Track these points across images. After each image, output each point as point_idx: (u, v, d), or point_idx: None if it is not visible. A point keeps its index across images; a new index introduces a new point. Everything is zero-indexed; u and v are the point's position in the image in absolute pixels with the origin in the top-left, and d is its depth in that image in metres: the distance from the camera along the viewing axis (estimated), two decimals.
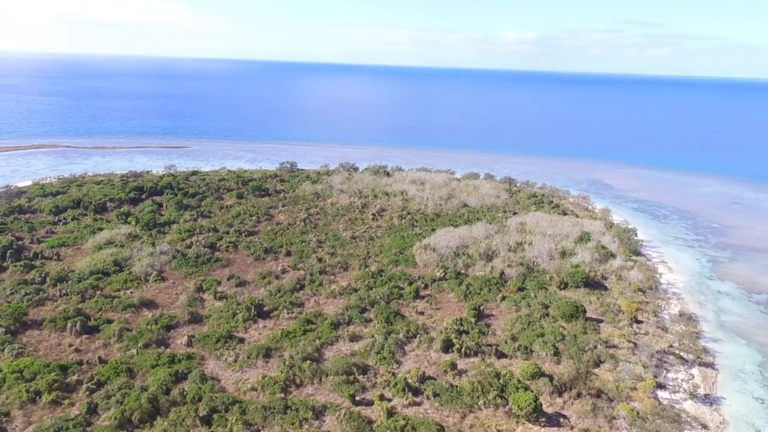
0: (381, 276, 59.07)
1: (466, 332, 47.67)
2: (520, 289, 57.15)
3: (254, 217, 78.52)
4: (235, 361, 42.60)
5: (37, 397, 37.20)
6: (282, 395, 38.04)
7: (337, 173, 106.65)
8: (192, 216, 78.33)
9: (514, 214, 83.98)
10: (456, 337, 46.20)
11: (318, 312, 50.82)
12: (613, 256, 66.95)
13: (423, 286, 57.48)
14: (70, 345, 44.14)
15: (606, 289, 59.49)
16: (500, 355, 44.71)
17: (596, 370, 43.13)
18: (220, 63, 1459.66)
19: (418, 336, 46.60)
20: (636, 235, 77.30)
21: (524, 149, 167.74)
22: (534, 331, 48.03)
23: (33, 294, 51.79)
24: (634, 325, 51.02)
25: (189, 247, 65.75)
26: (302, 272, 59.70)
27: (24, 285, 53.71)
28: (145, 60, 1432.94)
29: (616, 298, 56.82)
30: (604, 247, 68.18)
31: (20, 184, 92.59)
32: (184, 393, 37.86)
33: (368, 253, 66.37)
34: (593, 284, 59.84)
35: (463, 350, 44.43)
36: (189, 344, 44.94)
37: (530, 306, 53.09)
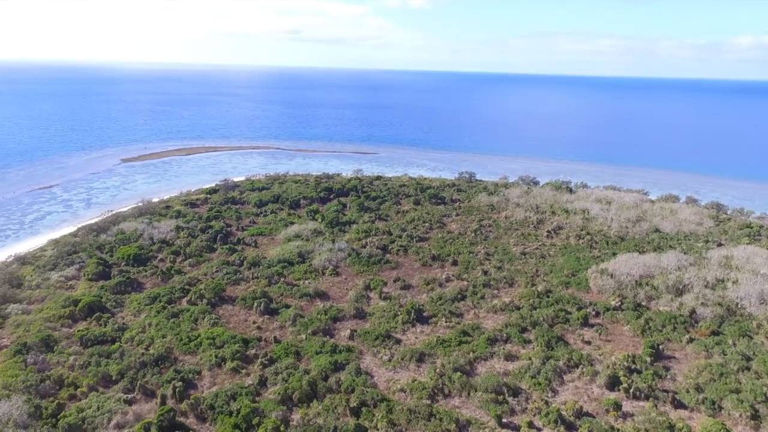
0: (548, 297, 55.88)
1: (639, 372, 42.58)
2: (715, 333, 49.14)
3: (427, 224, 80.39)
4: (390, 360, 44.06)
5: (223, 363, 42.89)
6: (428, 402, 38.23)
7: (516, 186, 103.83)
8: (370, 218, 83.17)
9: (719, 245, 72.57)
10: (625, 375, 41.57)
11: (476, 325, 50.01)
12: None
13: (594, 313, 52.88)
14: (254, 322, 50.08)
15: None
16: (678, 404, 38.99)
17: None
18: (417, 75, 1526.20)
19: (581, 366, 43.01)
20: None
21: (743, 172, 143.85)
22: (727, 384, 40.87)
23: (232, 274, 60.06)
24: None
25: (364, 247, 69.88)
26: (466, 283, 59.36)
27: (226, 265, 62.61)
28: (352, 72, 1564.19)
29: None
30: None
31: (236, 179, 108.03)
32: (340, 382, 40.31)
33: (537, 271, 63.31)
34: None
35: (631, 391, 39.77)
36: (351, 338, 47.72)
37: (726, 354, 45.32)
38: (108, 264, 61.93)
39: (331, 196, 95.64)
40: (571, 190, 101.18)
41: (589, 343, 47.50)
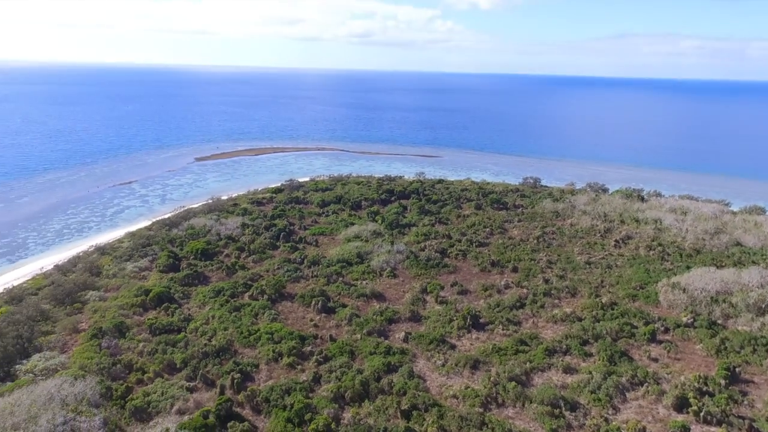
0: (612, 309, 53.39)
1: (711, 394, 39.79)
2: None
3: (488, 229, 78.98)
4: (443, 365, 43.59)
5: (279, 357, 43.93)
6: (481, 410, 37.49)
7: (583, 193, 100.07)
8: (430, 221, 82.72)
9: None
10: (695, 397, 38.96)
11: (534, 334, 48.56)
12: None
13: (662, 329, 49.93)
14: (311, 320, 51.00)
15: None
16: None
17: None
18: (486, 78, 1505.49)
19: (646, 384, 40.73)
20: None
21: None
22: None
23: (292, 272, 61.49)
24: None
25: (422, 250, 69.61)
26: (525, 290, 57.81)
27: (287, 263, 64.17)
28: (420, 75, 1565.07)
29: None
30: None
31: (301, 179, 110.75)
32: (392, 384, 40.27)
33: (602, 281, 60.65)
34: None
35: (701, 414, 37.19)
36: (405, 340, 47.62)
37: None
38: (178, 257, 65.07)
39: (392, 199, 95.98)
40: (643, 199, 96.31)
41: (656, 360, 44.94)
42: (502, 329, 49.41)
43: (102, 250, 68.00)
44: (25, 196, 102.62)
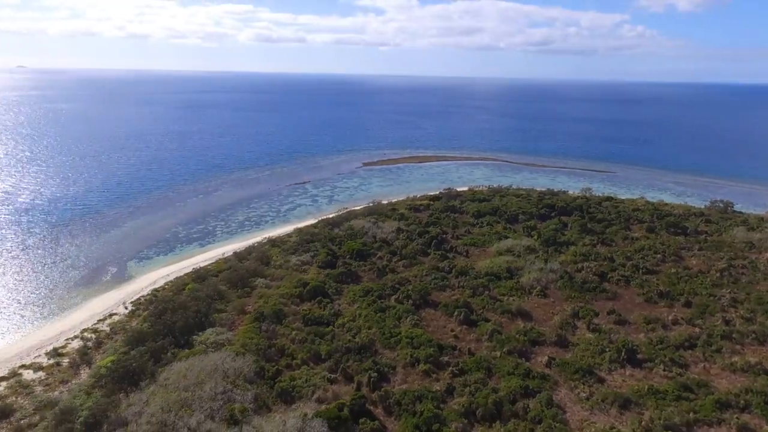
0: None
1: None
2: None
3: (659, 255, 70.85)
4: (588, 398, 40.24)
5: (416, 363, 44.48)
6: None
7: None
8: (592, 241, 76.79)
9: None
10: None
11: (704, 381, 42.32)
12: None
13: None
14: (452, 330, 50.75)
15: None
16: None
17: None
18: (682, 87, 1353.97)
19: None
20: None
21: None
22: None
23: (439, 280, 61.80)
24: None
25: (579, 271, 65.05)
26: (698, 330, 50.66)
27: (435, 271, 64.65)
28: (604, 85, 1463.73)
29: None
30: None
31: (459, 188, 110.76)
32: (527, 409, 38.34)
33: None
34: None
35: None
36: (548, 365, 44.96)
37: None
38: (335, 255, 69.42)
39: (552, 214, 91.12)
40: None
41: None
42: (664, 369, 43.99)
43: (273, 243, 75.47)
44: (218, 190, 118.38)
